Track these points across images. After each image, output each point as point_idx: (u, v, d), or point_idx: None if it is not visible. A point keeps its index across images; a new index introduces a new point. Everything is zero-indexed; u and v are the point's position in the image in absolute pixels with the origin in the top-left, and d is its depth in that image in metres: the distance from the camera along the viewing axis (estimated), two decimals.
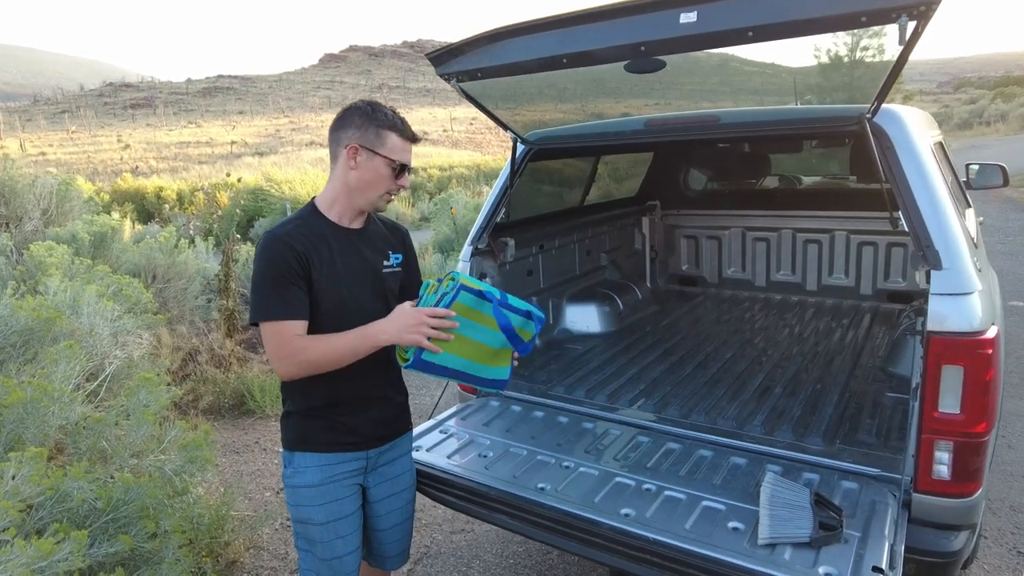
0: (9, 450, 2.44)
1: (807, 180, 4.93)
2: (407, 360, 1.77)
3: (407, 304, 1.80)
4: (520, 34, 2.11)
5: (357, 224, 1.92)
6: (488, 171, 23.00)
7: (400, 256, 2.02)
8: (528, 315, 1.91)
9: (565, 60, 2.07)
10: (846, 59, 1.95)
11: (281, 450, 2.01)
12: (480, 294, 1.81)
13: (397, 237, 2.05)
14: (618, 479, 2.15)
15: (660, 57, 2.02)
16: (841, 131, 2.18)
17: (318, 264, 1.80)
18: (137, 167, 30.72)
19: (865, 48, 1.87)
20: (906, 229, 2.01)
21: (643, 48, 1.93)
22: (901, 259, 4.03)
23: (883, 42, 1.81)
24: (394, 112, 1.87)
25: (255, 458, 4.32)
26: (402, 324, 1.74)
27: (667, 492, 2.07)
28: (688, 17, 1.83)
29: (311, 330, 1.80)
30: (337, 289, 1.83)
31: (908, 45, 1.66)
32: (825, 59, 1.99)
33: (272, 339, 1.75)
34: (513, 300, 1.90)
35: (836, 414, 2.62)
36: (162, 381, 3.40)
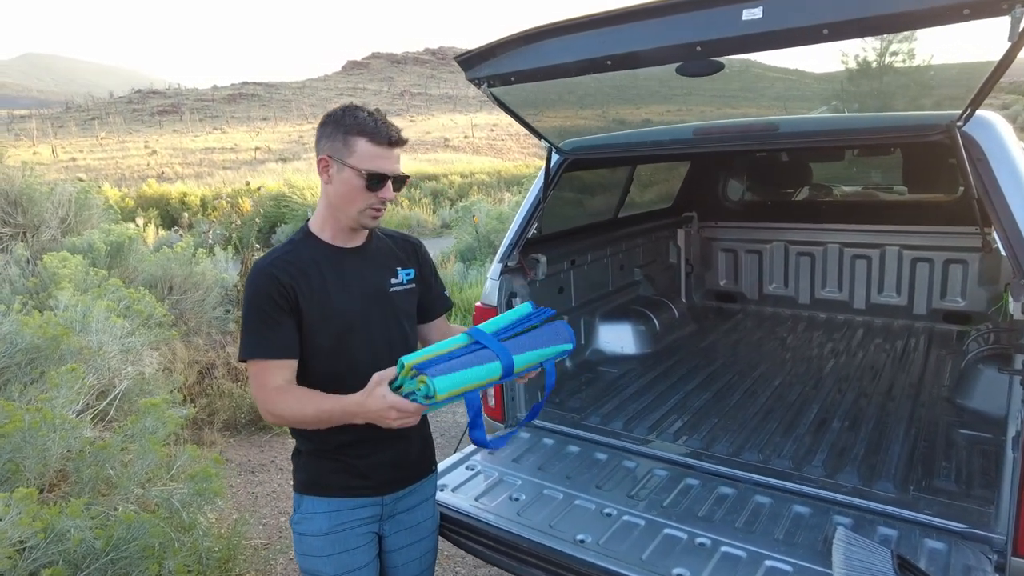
0: (4, 482, 2.28)
1: (856, 191, 4.65)
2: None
3: (384, 384, 1.47)
4: (559, 34, 1.91)
5: (356, 242, 1.73)
6: (509, 177, 22.83)
7: (412, 271, 1.82)
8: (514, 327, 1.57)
9: (609, 62, 1.87)
10: (932, 60, 1.71)
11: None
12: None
13: (406, 250, 1.85)
14: (667, 531, 1.92)
15: (718, 59, 1.80)
16: (923, 141, 1.93)
17: (307, 292, 1.62)
18: (163, 173, 31.09)
19: (957, 46, 1.63)
20: (1002, 251, 1.76)
21: (699, 48, 1.72)
22: (960, 277, 3.74)
23: (980, 39, 1.57)
24: (370, 114, 1.60)
25: (271, 478, 4.14)
26: (372, 407, 1.47)
27: (724, 548, 1.84)
28: (752, 13, 1.62)
29: (314, 363, 1.64)
30: (334, 317, 1.65)
31: (1019, 41, 1.42)
32: (906, 61, 1.75)
33: (253, 379, 1.63)
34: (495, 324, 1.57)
35: (904, 453, 2.36)
36: (175, 400, 3.24)
